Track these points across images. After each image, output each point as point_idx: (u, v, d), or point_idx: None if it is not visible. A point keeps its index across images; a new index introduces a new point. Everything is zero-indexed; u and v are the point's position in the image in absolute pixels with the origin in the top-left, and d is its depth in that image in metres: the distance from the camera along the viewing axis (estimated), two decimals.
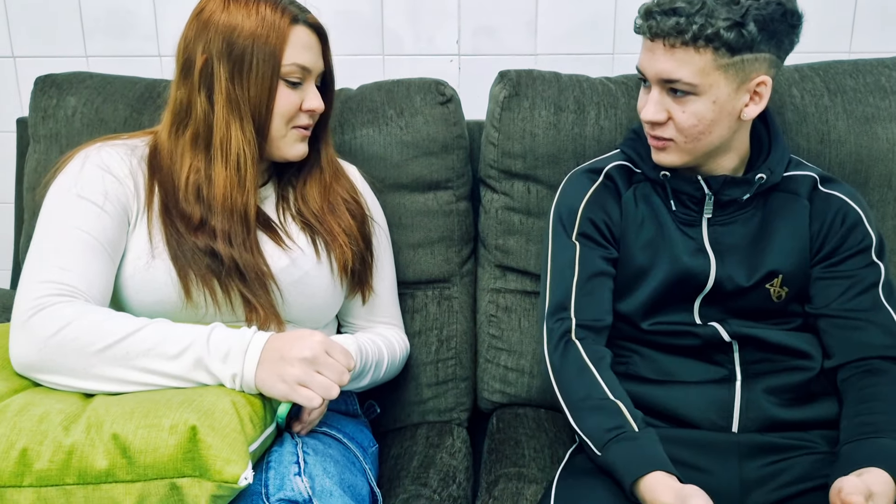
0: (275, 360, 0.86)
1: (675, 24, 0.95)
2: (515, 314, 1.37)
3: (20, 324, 0.88)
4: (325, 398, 0.87)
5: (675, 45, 0.97)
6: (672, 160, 1.06)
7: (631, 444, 0.93)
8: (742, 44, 0.95)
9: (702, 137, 1.02)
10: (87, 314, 0.88)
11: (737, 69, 0.98)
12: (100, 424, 0.75)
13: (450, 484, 1.15)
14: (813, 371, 1.06)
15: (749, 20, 0.94)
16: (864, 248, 1.07)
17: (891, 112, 1.26)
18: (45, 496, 0.74)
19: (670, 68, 0.98)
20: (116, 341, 0.86)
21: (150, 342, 0.87)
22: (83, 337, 0.86)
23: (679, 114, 1.01)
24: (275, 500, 0.80)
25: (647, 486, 0.88)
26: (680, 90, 0.99)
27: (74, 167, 1.03)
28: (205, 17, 1.03)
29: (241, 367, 0.86)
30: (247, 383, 0.86)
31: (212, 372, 0.86)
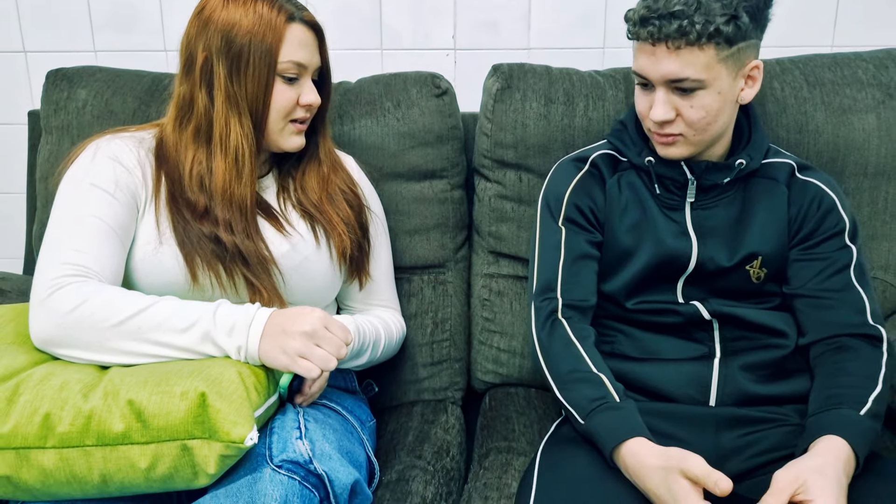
0: (277, 333, 0.92)
1: (679, 27, 0.98)
2: (507, 298, 1.43)
3: (39, 302, 0.94)
4: (324, 369, 0.93)
5: (680, 47, 1.00)
6: (681, 153, 1.10)
7: (613, 413, 0.98)
8: (738, 35, 1.00)
9: (709, 128, 1.06)
10: (102, 292, 0.94)
11: (734, 58, 1.03)
12: (116, 392, 0.81)
13: (443, 457, 1.21)
14: (788, 349, 1.12)
15: (741, 12, 0.99)
16: (837, 232, 1.12)
17: (866, 103, 1.32)
18: (67, 457, 0.80)
19: (677, 69, 1.01)
20: (129, 317, 0.92)
21: (160, 317, 0.92)
22: (98, 313, 0.92)
23: (687, 109, 1.04)
24: (278, 461, 0.86)
25: (630, 450, 0.93)
26: (687, 87, 1.03)
27: (86, 158, 1.08)
28: (205, 16, 1.07)
29: (245, 340, 0.92)
30: (251, 355, 0.92)
31: (218, 344, 0.92)
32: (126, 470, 0.80)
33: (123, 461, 0.80)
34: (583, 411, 1.00)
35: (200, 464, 0.80)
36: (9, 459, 0.80)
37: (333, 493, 0.87)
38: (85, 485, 0.81)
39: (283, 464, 0.85)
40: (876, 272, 1.35)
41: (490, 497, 1.06)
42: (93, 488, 0.81)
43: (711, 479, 0.85)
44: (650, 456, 0.92)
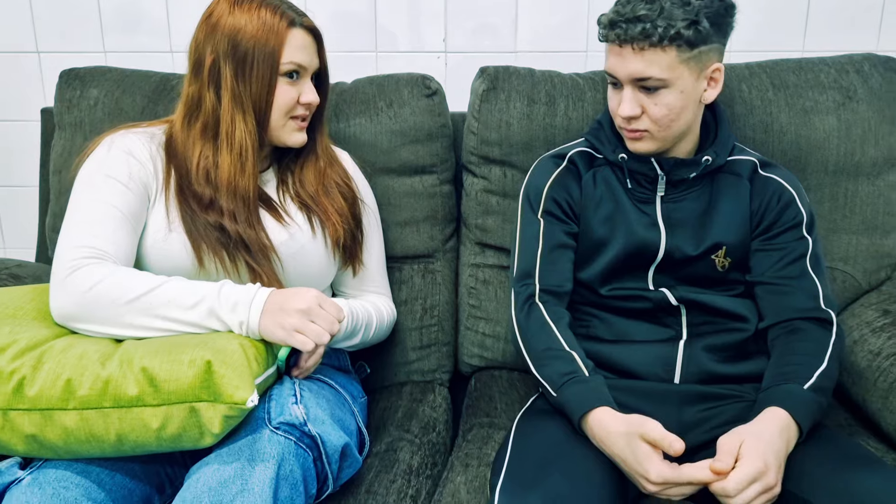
0: (275, 310, 1.01)
1: (642, 29, 1.08)
2: (493, 286, 1.52)
3: (59, 281, 1.02)
4: (318, 343, 1.02)
5: (644, 48, 1.09)
6: (647, 147, 1.19)
7: (582, 385, 1.07)
8: (699, 38, 1.09)
9: (672, 125, 1.15)
10: (116, 273, 1.03)
11: (696, 60, 1.11)
12: (130, 360, 0.90)
13: (430, 432, 1.30)
14: (748, 332, 1.20)
15: (702, 18, 1.08)
16: (795, 224, 1.21)
17: (827, 105, 1.40)
18: (87, 417, 0.88)
19: (642, 68, 1.10)
20: (141, 294, 1.01)
21: (169, 295, 1.02)
22: (113, 291, 1.01)
23: (652, 107, 1.13)
24: (275, 423, 0.95)
25: (596, 419, 1.03)
26: (652, 86, 1.12)
27: (102, 151, 1.17)
28: (213, 21, 1.16)
29: (247, 316, 1.01)
30: (251, 330, 1.01)
31: (222, 320, 1.01)
32: (139, 430, 0.89)
33: (137, 422, 0.89)
34: (555, 384, 1.09)
35: (206, 424, 0.88)
36: (35, 419, 0.89)
37: (325, 453, 0.96)
38: (102, 443, 0.90)
39: (281, 426, 0.94)
40: (836, 263, 1.44)
41: (470, 465, 1.15)
42: (109, 447, 0.90)
43: (666, 441, 0.94)
44: (614, 423, 1.01)
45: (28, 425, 0.89)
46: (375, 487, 1.09)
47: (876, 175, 1.42)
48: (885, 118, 1.40)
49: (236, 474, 0.90)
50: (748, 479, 0.91)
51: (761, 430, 0.97)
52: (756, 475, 0.91)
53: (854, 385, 1.29)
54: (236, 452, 0.92)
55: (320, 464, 0.97)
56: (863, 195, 1.42)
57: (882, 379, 1.21)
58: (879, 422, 1.22)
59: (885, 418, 1.20)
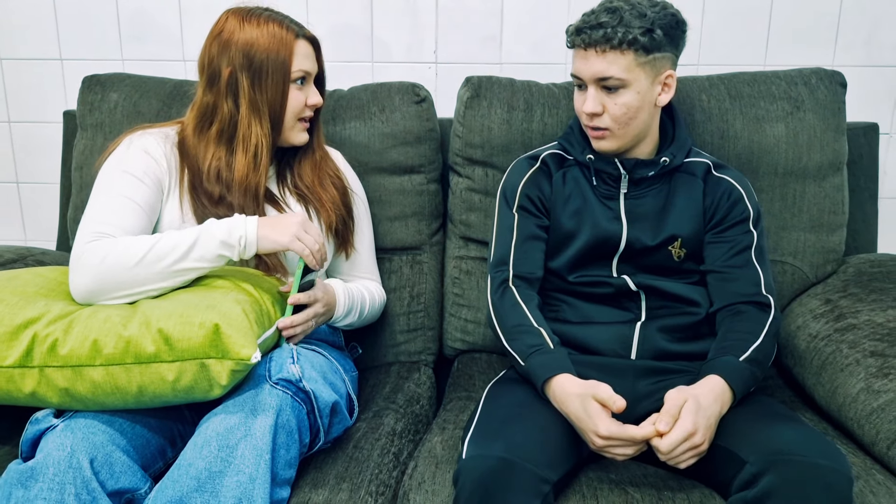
0: (271, 224, 1.18)
1: (604, 34, 1.23)
2: (475, 277, 1.66)
3: (74, 266, 1.15)
4: (317, 250, 1.19)
5: (606, 50, 1.24)
6: (609, 146, 1.32)
7: (546, 355, 1.21)
8: (653, 45, 1.24)
9: (630, 123, 1.29)
10: (119, 242, 1.15)
11: (651, 66, 1.26)
12: (148, 322, 1.04)
13: (414, 404, 1.44)
14: (699, 316, 1.34)
15: (656, 27, 1.23)
16: (743, 220, 1.35)
17: (777, 114, 1.55)
18: (112, 372, 1.03)
19: (604, 68, 1.25)
20: (146, 253, 1.13)
21: (169, 246, 1.14)
22: (122, 258, 1.13)
23: (612, 105, 1.28)
24: (275, 379, 1.09)
25: (557, 383, 1.16)
26: (612, 86, 1.26)
27: (121, 150, 1.31)
28: (225, 38, 1.29)
29: (244, 230, 1.16)
30: (250, 241, 1.16)
31: (226, 242, 1.15)
32: (157, 382, 1.03)
33: (155, 375, 1.03)
34: (523, 355, 1.23)
35: (215, 377, 1.03)
36: (67, 375, 1.03)
37: (317, 406, 1.11)
38: (125, 394, 1.04)
39: (279, 381, 1.09)
40: (786, 258, 1.58)
41: (447, 428, 1.29)
42: (132, 397, 1.04)
43: (611, 400, 1.08)
44: (572, 386, 1.15)
45: (61, 380, 1.03)
46: (362, 444, 1.23)
47: (822, 178, 1.56)
48: (829, 126, 1.55)
49: (240, 422, 1.04)
50: (680, 440, 1.05)
51: (700, 393, 1.11)
52: (686, 437, 1.05)
53: (796, 366, 1.43)
54: (240, 404, 1.06)
55: (313, 417, 1.11)
56: (810, 196, 1.56)
57: (816, 358, 1.35)
58: (814, 395, 1.36)
59: (818, 392, 1.34)
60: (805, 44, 1.89)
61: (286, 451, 1.06)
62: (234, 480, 1.00)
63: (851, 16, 1.86)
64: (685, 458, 1.07)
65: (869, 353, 1.27)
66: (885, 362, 1.23)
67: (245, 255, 1.18)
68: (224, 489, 1.00)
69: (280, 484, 1.06)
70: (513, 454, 1.04)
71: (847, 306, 1.42)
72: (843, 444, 1.23)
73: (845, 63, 1.88)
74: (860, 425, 1.20)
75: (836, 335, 1.36)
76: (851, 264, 1.59)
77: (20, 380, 1.04)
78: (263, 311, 1.14)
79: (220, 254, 1.17)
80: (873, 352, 1.26)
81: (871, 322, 1.34)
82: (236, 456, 1.02)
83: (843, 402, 1.25)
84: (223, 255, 1.17)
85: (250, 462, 1.02)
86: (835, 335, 1.36)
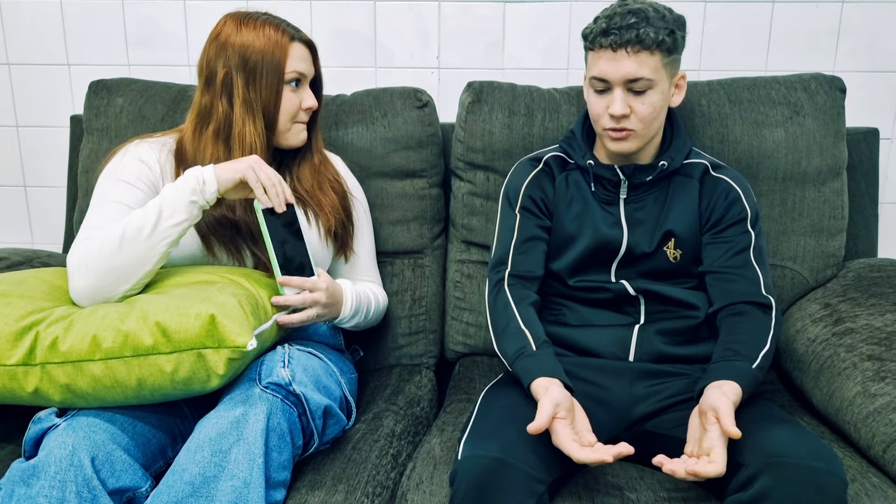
0: (226, 165, 1.20)
1: (636, 34, 1.23)
2: (476, 280, 1.67)
3: (69, 271, 1.18)
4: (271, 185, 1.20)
5: (638, 51, 1.24)
6: (631, 147, 1.32)
7: (530, 359, 1.21)
8: (675, 46, 1.26)
9: (653, 123, 1.30)
10: (94, 238, 1.18)
11: (671, 66, 1.28)
12: (146, 316, 1.06)
13: (414, 406, 1.45)
14: (698, 319, 1.34)
15: (676, 29, 1.26)
16: (740, 220, 1.35)
17: (776, 119, 1.56)
18: (111, 365, 1.04)
19: (635, 69, 1.25)
20: (122, 233, 1.15)
21: (140, 216, 1.16)
22: (104, 246, 1.15)
23: (639, 106, 1.28)
24: (265, 383, 1.10)
25: (539, 385, 1.16)
26: (641, 88, 1.26)
27: (117, 159, 1.34)
28: (222, 40, 1.32)
29: (199, 171, 1.19)
30: (208, 177, 1.18)
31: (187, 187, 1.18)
32: (156, 374, 1.04)
33: (154, 367, 1.04)
34: (509, 358, 1.25)
35: (212, 367, 1.04)
36: (68, 370, 1.05)
37: (309, 409, 1.12)
38: (125, 388, 1.05)
39: (269, 385, 1.10)
40: (786, 262, 1.58)
41: (446, 430, 1.30)
42: (132, 391, 1.06)
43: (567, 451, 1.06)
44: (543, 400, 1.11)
45: (62, 376, 1.05)
46: (360, 445, 1.24)
47: (822, 183, 1.57)
48: (829, 131, 1.55)
49: (232, 427, 1.05)
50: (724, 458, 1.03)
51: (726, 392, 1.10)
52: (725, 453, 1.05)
53: (794, 369, 1.43)
54: (232, 409, 1.07)
55: (305, 419, 1.13)
56: (809, 201, 1.57)
57: (815, 362, 1.36)
58: (812, 399, 1.36)
59: (815, 395, 1.34)
60: (806, 49, 1.89)
61: (279, 453, 1.08)
62: (228, 485, 1.02)
63: (853, 22, 1.86)
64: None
65: (866, 356, 1.27)
66: (882, 366, 1.23)
67: (207, 193, 1.19)
68: (219, 493, 1.01)
69: (274, 486, 1.07)
70: (507, 454, 1.04)
71: (846, 310, 1.42)
72: (841, 448, 1.24)
73: (846, 68, 1.89)
74: (857, 429, 1.21)
75: (834, 339, 1.36)
76: (851, 269, 1.59)
77: (23, 378, 1.06)
78: (259, 305, 1.15)
79: (190, 199, 1.19)
80: (870, 356, 1.27)
81: (869, 326, 1.34)
82: (229, 460, 1.03)
83: (840, 406, 1.26)
84: (193, 200, 1.19)
85: (244, 466, 1.03)
86: (833, 339, 1.36)
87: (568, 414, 1.10)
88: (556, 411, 1.08)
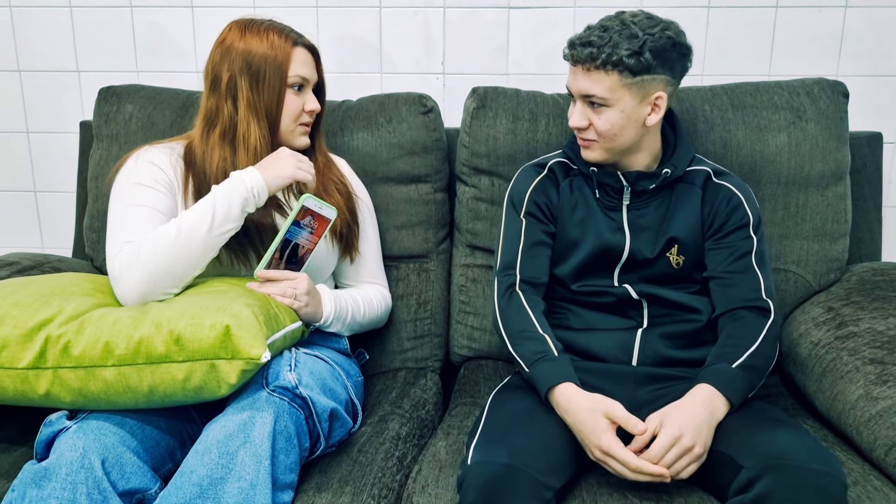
0: (269, 165, 1.28)
1: (590, 53, 1.25)
2: (481, 284, 1.68)
3: (115, 279, 1.22)
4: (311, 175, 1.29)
5: (591, 69, 1.27)
6: (595, 156, 1.35)
7: (551, 363, 1.23)
8: (640, 68, 1.26)
9: (615, 139, 1.32)
10: (145, 240, 1.22)
11: (638, 87, 1.28)
12: (159, 324, 1.08)
13: (419, 409, 1.47)
14: (700, 323, 1.35)
15: (645, 50, 1.24)
16: (742, 225, 1.36)
17: (779, 124, 1.57)
18: (124, 372, 1.06)
19: (588, 86, 1.28)
20: (177, 233, 1.21)
21: (194, 219, 1.22)
22: (156, 246, 1.20)
23: (597, 120, 1.31)
24: (272, 387, 1.12)
25: (562, 392, 1.18)
26: (596, 103, 1.29)
27: (129, 165, 1.36)
28: (227, 45, 1.35)
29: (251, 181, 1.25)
30: (259, 186, 1.25)
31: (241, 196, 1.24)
32: (168, 382, 1.06)
33: (166, 374, 1.06)
34: (528, 361, 1.26)
35: (224, 377, 1.06)
36: (80, 375, 1.07)
37: (316, 412, 1.14)
38: (137, 394, 1.07)
39: (276, 388, 1.12)
40: (789, 266, 1.59)
41: (451, 433, 1.31)
42: (142, 397, 1.07)
43: (631, 423, 1.11)
44: (579, 397, 1.17)
45: (74, 380, 1.07)
46: (366, 448, 1.25)
47: (825, 187, 1.58)
48: (831, 136, 1.56)
49: (239, 429, 1.07)
50: (666, 445, 1.08)
51: (683, 403, 1.14)
52: (672, 440, 1.08)
53: (798, 373, 1.44)
54: (239, 412, 1.09)
55: (311, 422, 1.14)
56: (812, 205, 1.58)
57: (817, 365, 1.37)
58: (814, 402, 1.37)
59: (818, 399, 1.35)
60: (809, 54, 1.90)
61: (286, 456, 1.09)
62: (235, 487, 1.03)
63: (856, 26, 1.87)
64: (682, 464, 1.08)
65: (868, 360, 1.28)
66: (885, 370, 1.24)
67: (259, 201, 1.26)
68: (226, 495, 1.03)
69: (281, 488, 1.08)
70: (516, 461, 1.06)
71: (849, 314, 1.43)
72: (843, 451, 1.24)
73: (850, 73, 1.90)
74: (859, 432, 1.22)
75: (836, 343, 1.37)
76: (855, 272, 1.60)
77: (34, 381, 1.07)
78: (271, 315, 1.17)
79: (243, 208, 1.25)
80: (873, 359, 1.27)
81: (871, 330, 1.35)
82: (236, 462, 1.04)
83: (842, 409, 1.27)
84: (245, 208, 1.25)
85: (250, 468, 1.04)
86: (836, 343, 1.37)
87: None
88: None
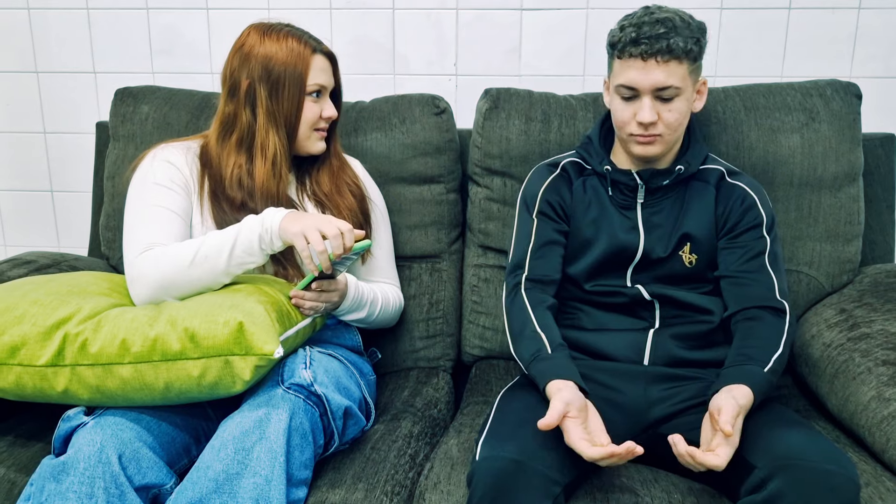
0: (294, 218, 1.21)
1: (667, 44, 1.25)
2: (493, 284, 1.69)
3: (131, 279, 1.25)
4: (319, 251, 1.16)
5: (667, 61, 1.26)
6: (657, 150, 1.34)
7: (545, 362, 1.23)
8: (699, 54, 1.29)
9: (678, 129, 1.33)
10: (168, 249, 1.24)
11: (695, 73, 1.31)
12: (174, 321, 1.09)
13: (431, 408, 1.48)
14: (713, 324, 1.35)
15: (700, 36, 1.28)
16: (756, 225, 1.36)
17: (792, 125, 1.57)
18: (140, 369, 1.07)
19: (663, 78, 1.27)
20: (194, 255, 1.22)
21: (215, 246, 1.22)
22: (174, 262, 1.22)
23: (666, 113, 1.30)
24: (287, 384, 1.13)
25: (553, 387, 1.17)
26: (669, 95, 1.28)
27: (146, 164, 1.38)
28: (246, 51, 1.36)
29: (271, 221, 1.21)
30: (274, 230, 1.21)
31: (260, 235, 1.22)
32: (183, 378, 1.08)
33: (181, 371, 1.08)
34: (525, 361, 1.27)
35: (238, 373, 1.07)
36: (97, 372, 1.08)
37: (330, 409, 1.15)
38: (153, 391, 1.08)
39: (292, 386, 1.13)
40: (802, 267, 1.59)
41: (463, 431, 1.32)
42: (158, 393, 1.09)
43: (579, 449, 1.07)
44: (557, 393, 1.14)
45: (92, 377, 1.08)
46: (379, 446, 1.26)
47: (837, 188, 1.57)
48: (844, 137, 1.56)
49: (255, 426, 1.08)
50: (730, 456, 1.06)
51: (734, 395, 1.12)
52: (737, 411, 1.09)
53: (810, 374, 1.44)
54: (255, 408, 1.10)
55: (326, 419, 1.15)
56: (825, 206, 1.57)
57: (830, 367, 1.37)
58: (826, 404, 1.37)
59: (830, 400, 1.35)
60: (822, 55, 1.90)
61: (300, 452, 1.10)
62: (250, 482, 1.04)
63: (869, 27, 1.87)
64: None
65: (881, 361, 1.28)
66: None
67: (274, 246, 1.23)
68: (241, 490, 1.04)
69: (296, 484, 1.09)
70: (524, 456, 1.06)
71: (861, 316, 1.43)
72: (855, 452, 1.24)
73: (863, 74, 1.89)
74: (871, 433, 1.21)
75: (849, 344, 1.37)
76: (868, 274, 1.59)
77: (53, 378, 1.09)
78: (284, 312, 1.18)
79: (261, 247, 1.23)
80: (885, 360, 1.27)
81: (884, 331, 1.35)
82: (252, 458, 1.06)
83: (854, 410, 1.27)
84: (263, 248, 1.23)
85: (266, 464, 1.05)
86: (848, 344, 1.37)
87: (580, 413, 1.12)
88: (566, 410, 1.10)
